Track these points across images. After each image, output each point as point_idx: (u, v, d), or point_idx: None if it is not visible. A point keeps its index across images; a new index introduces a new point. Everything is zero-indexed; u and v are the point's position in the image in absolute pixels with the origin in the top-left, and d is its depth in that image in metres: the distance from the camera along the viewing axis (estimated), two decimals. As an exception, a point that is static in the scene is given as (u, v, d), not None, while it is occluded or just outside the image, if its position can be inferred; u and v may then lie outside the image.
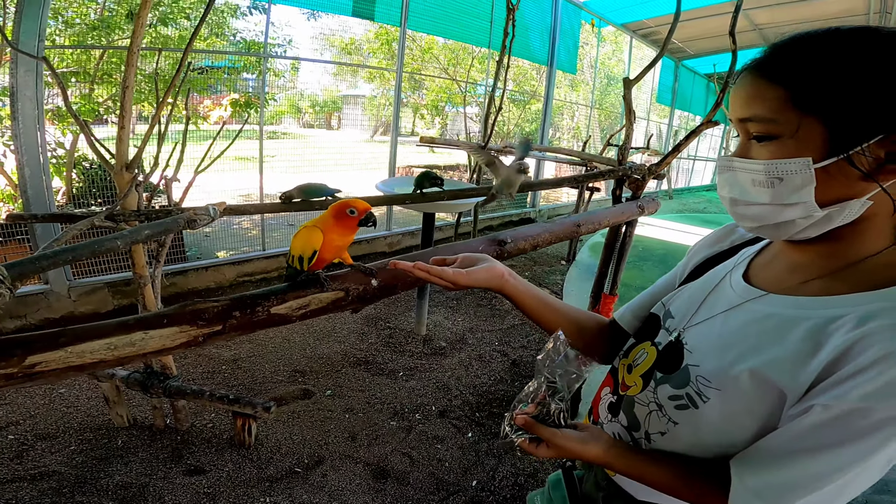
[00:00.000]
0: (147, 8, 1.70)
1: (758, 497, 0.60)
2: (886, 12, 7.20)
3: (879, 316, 0.56)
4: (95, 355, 0.73)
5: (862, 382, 0.54)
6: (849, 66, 0.56)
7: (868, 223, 0.61)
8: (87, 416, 2.49)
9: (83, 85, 4.11)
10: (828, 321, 0.59)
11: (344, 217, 0.91)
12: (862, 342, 0.56)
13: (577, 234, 1.54)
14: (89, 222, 1.45)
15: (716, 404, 0.67)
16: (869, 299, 0.59)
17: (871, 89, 0.55)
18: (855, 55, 0.56)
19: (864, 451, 0.54)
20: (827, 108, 0.57)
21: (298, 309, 0.85)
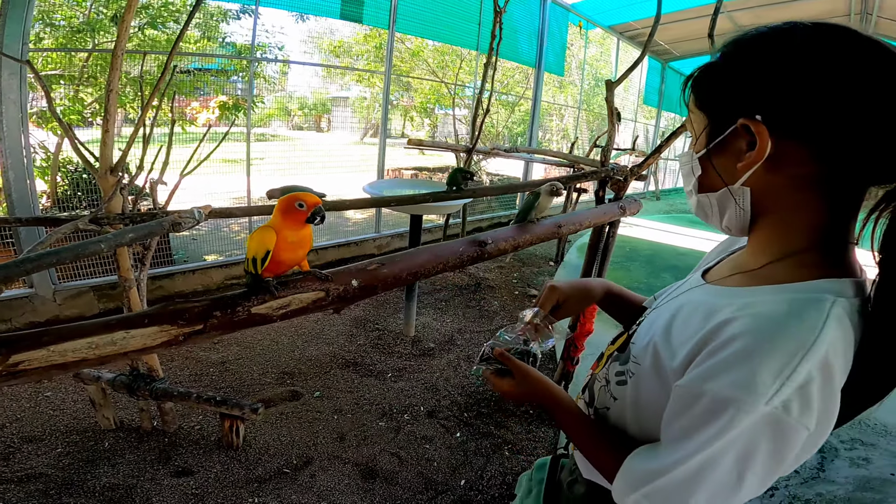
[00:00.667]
0: (131, 12, 1.71)
1: (625, 474, 0.65)
2: (867, 13, 7.33)
3: (745, 308, 0.59)
4: (77, 354, 0.74)
5: (702, 366, 0.58)
6: (717, 71, 0.63)
7: (778, 222, 0.64)
8: (73, 418, 2.48)
9: (69, 87, 4.09)
10: (715, 310, 0.62)
11: (293, 211, 0.89)
12: (717, 331, 0.59)
13: (557, 235, 1.56)
14: (73, 226, 1.45)
15: (636, 381, 0.72)
16: (752, 293, 0.62)
17: (724, 88, 0.62)
18: (721, 63, 0.63)
19: (709, 431, 0.55)
20: (705, 106, 0.65)
21: (279, 309, 0.87)
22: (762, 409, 0.52)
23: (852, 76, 0.54)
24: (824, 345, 0.53)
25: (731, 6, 7.47)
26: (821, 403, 0.53)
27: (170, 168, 2.12)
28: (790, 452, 0.55)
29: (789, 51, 0.57)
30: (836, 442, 2.66)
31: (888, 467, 2.48)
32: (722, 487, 0.56)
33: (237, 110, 4.48)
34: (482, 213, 7.07)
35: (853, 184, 0.59)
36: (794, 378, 0.52)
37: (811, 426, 0.53)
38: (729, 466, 0.55)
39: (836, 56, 0.55)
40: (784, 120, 0.57)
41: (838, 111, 0.55)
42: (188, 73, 4.50)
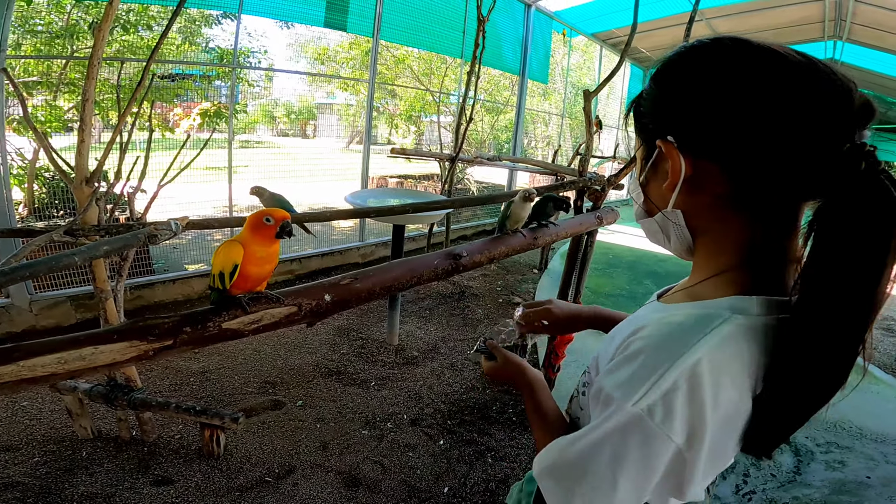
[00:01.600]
0: (108, 21, 1.71)
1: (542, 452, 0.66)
2: (841, 19, 7.51)
3: (656, 320, 0.61)
4: (47, 369, 0.75)
5: (610, 365, 0.61)
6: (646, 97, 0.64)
7: (710, 242, 0.64)
8: (50, 428, 2.45)
9: (48, 94, 4.04)
10: (642, 322, 0.64)
11: (261, 226, 0.89)
12: (630, 338, 0.61)
13: (534, 246, 1.59)
14: (48, 238, 1.44)
15: (589, 390, 0.73)
16: (672, 308, 0.65)
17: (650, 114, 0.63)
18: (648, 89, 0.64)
19: (594, 422, 0.59)
20: (638, 132, 0.67)
21: (251, 324, 0.88)
22: (629, 409, 0.54)
23: (751, 93, 0.54)
24: (695, 356, 0.53)
25: (710, 13, 7.60)
26: (686, 414, 0.53)
27: (150, 176, 2.11)
28: (658, 463, 0.54)
29: (691, 71, 0.58)
30: (812, 445, 2.70)
31: (863, 470, 2.53)
32: (601, 483, 0.57)
33: (219, 118, 4.45)
34: (467, 220, 7.09)
35: (777, 201, 0.58)
36: (660, 384, 0.53)
37: (676, 438, 0.53)
38: (606, 461, 0.56)
39: (734, 73, 0.55)
40: (694, 139, 0.58)
41: (740, 128, 0.55)
42: (170, 78, 4.47)
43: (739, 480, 2.42)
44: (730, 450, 0.59)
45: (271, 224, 0.88)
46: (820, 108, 0.53)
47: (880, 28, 7.17)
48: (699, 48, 0.59)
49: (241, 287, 0.90)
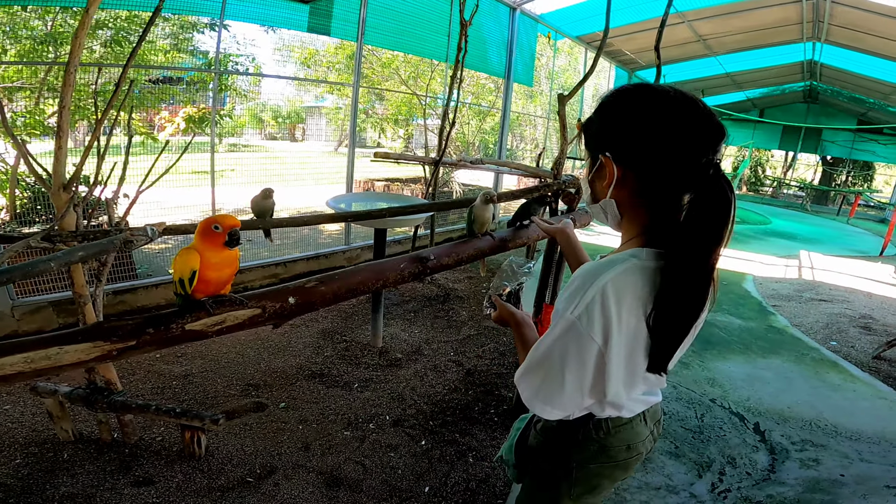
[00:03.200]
0: (85, 28, 1.73)
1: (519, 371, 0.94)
2: (819, 21, 7.63)
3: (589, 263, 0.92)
4: (14, 367, 0.78)
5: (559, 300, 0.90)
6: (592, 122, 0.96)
7: (627, 220, 0.95)
8: (31, 430, 2.46)
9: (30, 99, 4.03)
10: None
11: (210, 234, 0.92)
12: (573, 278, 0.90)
13: (504, 248, 1.63)
14: (25, 244, 1.46)
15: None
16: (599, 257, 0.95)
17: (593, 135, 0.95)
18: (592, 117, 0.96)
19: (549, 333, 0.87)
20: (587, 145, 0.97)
21: (214, 325, 0.91)
22: (567, 317, 0.84)
23: (649, 124, 0.85)
24: (604, 280, 0.82)
25: (691, 16, 7.69)
26: (601, 320, 0.81)
27: (133, 181, 2.12)
28: (588, 359, 0.83)
29: (617, 107, 0.90)
30: (787, 444, 2.75)
31: (837, 468, 2.56)
32: (554, 376, 0.87)
33: (203, 123, 4.46)
34: (453, 223, 7.12)
35: (665, 193, 0.88)
36: (584, 298, 0.82)
37: (596, 338, 0.82)
38: (556, 359, 0.86)
39: (641, 112, 0.86)
40: (620, 154, 0.89)
41: (644, 147, 0.86)
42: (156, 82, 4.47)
43: (715, 479, 2.45)
44: (640, 362, 0.87)
45: (219, 232, 0.92)
46: (689, 133, 0.83)
47: (857, 29, 7.30)
48: (623, 93, 0.91)
49: (204, 291, 0.93)
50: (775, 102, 15.73)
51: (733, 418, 2.97)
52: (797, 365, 3.77)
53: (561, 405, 0.89)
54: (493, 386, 3.17)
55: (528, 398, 0.91)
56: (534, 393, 0.90)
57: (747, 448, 2.70)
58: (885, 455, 2.69)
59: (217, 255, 0.92)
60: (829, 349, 4.14)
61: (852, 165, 16.49)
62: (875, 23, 6.79)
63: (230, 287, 0.98)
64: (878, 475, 2.52)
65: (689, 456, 2.61)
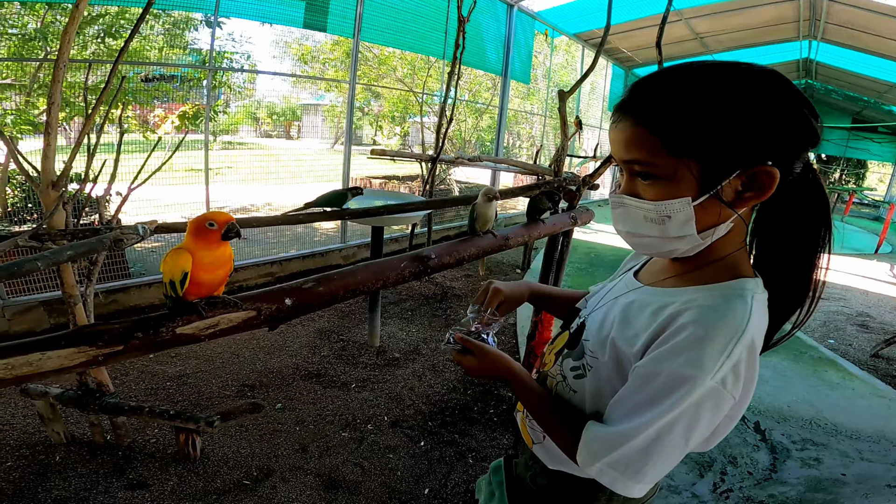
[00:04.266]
0: (74, 24, 1.68)
1: (587, 445, 0.74)
2: (815, 19, 7.63)
3: (689, 302, 0.72)
4: (-8, 374, 0.74)
5: (658, 350, 0.70)
6: (706, 113, 0.66)
7: (718, 239, 0.74)
8: (23, 433, 2.42)
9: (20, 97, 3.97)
10: (663, 306, 0.74)
11: (204, 231, 0.88)
12: (668, 322, 0.71)
13: (505, 247, 1.59)
14: (12, 243, 1.42)
15: (595, 372, 0.82)
16: (694, 292, 0.74)
17: (725, 134, 0.66)
18: (709, 101, 0.66)
19: (666, 403, 0.67)
20: (696, 152, 0.67)
21: (207, 329, 0.87)
22: (708, 384, 0.65)
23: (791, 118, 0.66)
24: (751, 331, 0.67)
25: (688, 13, 7.69)
26: (746, 377, 0.68)
27: (126, 179, 2.08)
28: (720, 418, 0.69)
29: (770, 101, 0.66)
30: (788, 443, 2.73)
31: (839, 467, 2.55)
32: (672, 450, 0.69)
33: (197, 119, 4.40)
34: (451, 221, 7.09)
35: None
36: (731, 358, 0.65)
37: (737, 396, 0.67)
38: (680, 432, 0.67)
39: (785, 104, 0.66)
40: (781, 159, 0.68)
41: (788, 144, 0.68)
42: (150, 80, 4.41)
43: (717, 479, 2.43)
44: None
45: (214, 229, 0.87)
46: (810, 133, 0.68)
47: (854, 27, 7.30)
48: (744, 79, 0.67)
49: (196, 293, 0.89)
50: (771, 101, 15.72)
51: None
52: (795, 363, 3.76)
53: (665, 474, 0.74)
54: (492, 385, 3.14)
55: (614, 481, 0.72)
56: (633, 476, 0.71)
57: (748, 447, 2.69)
58: (885, 454, 2.68)
59: (210, 255, 0.88)
60: (826, 347, 4.13)
61: (846, 164, 16.53)
62: (872, 21, 6.79)
63: (224, 288, 0.93)
64: (879, 474, 2.51)
65: (690, 456, 2.58)
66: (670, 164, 0.68)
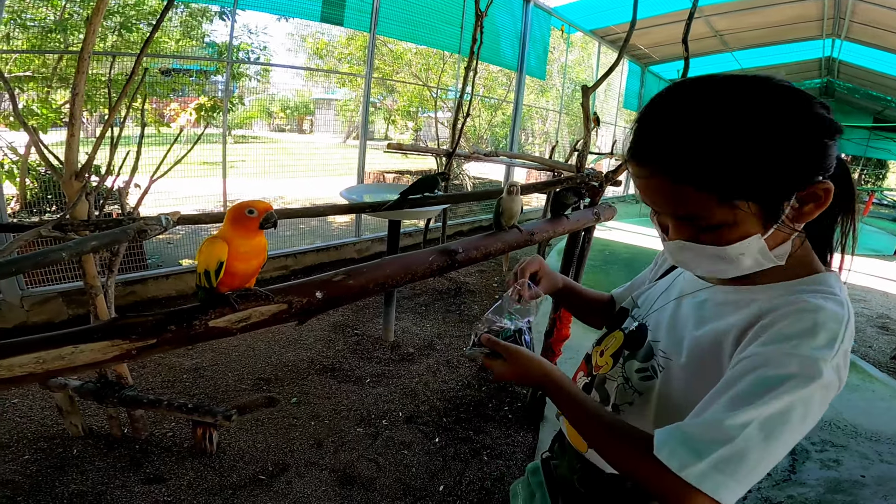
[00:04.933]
0: (100, 15, 1.68)
1: (679, 446, 0.63)
2: (840, 17, 7.49)
3: (778, 298, 0.70)
4: (24, 369, 0.72)
5: (758, 342, 0.66)
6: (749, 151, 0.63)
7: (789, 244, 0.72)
8: (40, 425, 2.43)
9: (41, 88, 3.99)
10: (748, 302, 0.73)
11: (243, 219, 0.86)
12: (763, 315, 0.69)
13: (531, 242, 1.57)
14: (36, 233, 1.42)
15: (667, 373, 0.78)
16: (778, 288, 0.73)
17: (773, 167, 0.63)
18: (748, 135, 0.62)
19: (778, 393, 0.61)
20: (750, 193, 0.65)
21: (239, 322, 0.85)
22: (826, 375, 0.62)
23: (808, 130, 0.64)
24: (852, 320, 0.67)
25: (709, 10, 7.57)
26: (845, 363, 0.65)
27: (145, 171, 2.08)
28: (826, 406, 0.64)
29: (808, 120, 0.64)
30: (807, 444, 2.70)
31: (858, 469, 2.53)
32: (787, 442, 0.62)
33: (214, 112, 4.41)
34: (464, 216, 7.06)
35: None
36: (842, 347, 0.63)
37: (843, 381, 0.65)
38: (797, 421, 0.61)
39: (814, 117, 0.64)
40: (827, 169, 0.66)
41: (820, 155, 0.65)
42: (167, 73, 4.43)
43: (735, 479, 2.42)
44: None
45: (254, 216, 0.85)
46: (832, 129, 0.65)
47: (879, 26, 7.16)
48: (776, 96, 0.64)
49: (229, 284, 0.87)
50: (790, 99, 15.51)
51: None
52: (815, 365, 3.71)
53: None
54: (507, 383, 3.12)
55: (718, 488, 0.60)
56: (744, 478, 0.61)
57: (767, 449, 2.66)
58: (905, 456, 2.64)
59: (247, 244, 0.86)
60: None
61: (866, 164, 16.28)
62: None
63: (254, 281, 0.91)
64: (898, 476, 2.49)
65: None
66: (728, 213, 0.67)
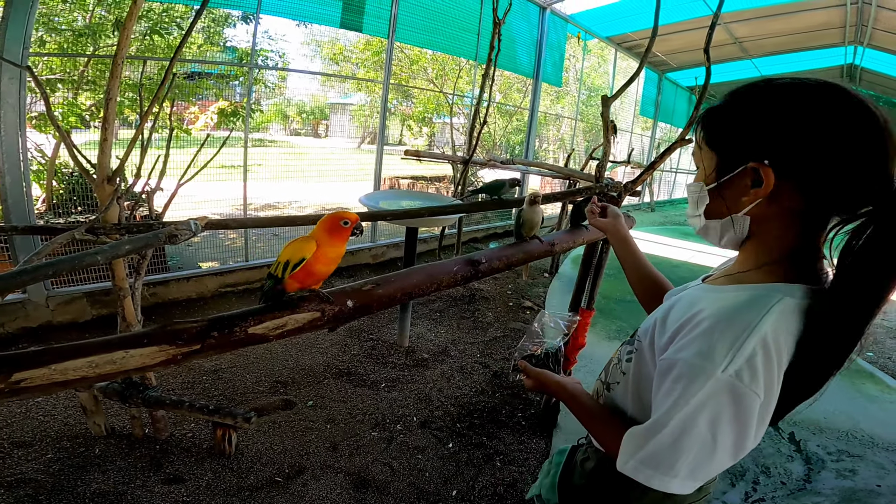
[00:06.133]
0: (133, 19, 1.72)
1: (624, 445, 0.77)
2: (862, 25, 7.42)
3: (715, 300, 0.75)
4: (78, 372, 0.75)
5: (678, 342, 0.73)
6: (726, 117, 0.77)
7: (763, 242, 0.78)
8: (63, 424, 2.47)
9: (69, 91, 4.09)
10: (697, 301, 0.78)
11: (338, 229, 0.95)
12: (693, 316, 0.74)
13: (551, 253, 1.58)
14: (70, 236, 1.46)
15: (639, 355, 0.87)
16: (725, 289, 0.79)
17: (733, 134, 0.75)
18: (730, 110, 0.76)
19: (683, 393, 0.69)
20: (715, 145, 0.78)
21: (275, 329, 0.88)
22: (720, 376, 0.67)
23: (836, 132, 0.67)
24: (765, 327, 0.67)
25: (729, 17, 7.53)
26: (765, 374, 0.67)
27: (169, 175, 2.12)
28: (750, 419, 0.68)
29: (794, 107, 0.70)
30: (823, 453, 2.69)
31: (874, 479, 2.51)
32: (701, 448, 0.69)
33: (235, 117, 4.48)
34: (478, 223, 7.08)
35: (823, 214, 0.73)
36: (742, 351, 0.67)
37: (760, 393, 0.67)
38: (703, 427, 0.68)
39: (827, 115, 0.68)
40: (786, 164, 0.70)
41: (824, 159, 0.68)
42: (191, 77, 4.50)
43: (749, 488, 2.40)
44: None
45: (348, 227, 0.95)
46: (877, 146, 0.67)
47: (902, 34, 7.09)
48: (800, 88, 0.71)
49: (303, 281, 0.95)
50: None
51: (767, 428, 2.90)
52: (833, 376, 3.67)
53: (705, 475, 0.73)
54: (521, 389, 3.12)
55: (650, 478, 0.73)
56: (667, 472, 0.72)
57: (782, 458, 2.65)
58: (923, 468, 2.61)
59: (334, 251, 0.95)
60: (864, 360, 4.04)
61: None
62: (920, 27, 6.58)
63: (321, 284, 1.01)
64: (915, 486, 2.46)
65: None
66: (703, 156, 0.80)
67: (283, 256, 0.93)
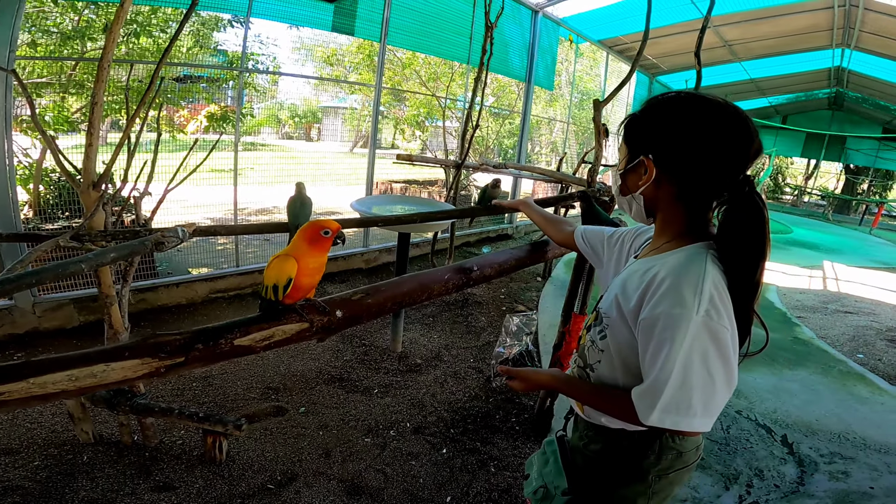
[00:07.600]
0: (119, 23, 1.70)
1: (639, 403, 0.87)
2: (850, 27, 7.49)
3: (664, 263, 0.91)
4: (57, 386, 0.74)
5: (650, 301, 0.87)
6: (635, 121, 0.99)
7: (664, 219, 1.00)
8: (51, 432, 2.44)
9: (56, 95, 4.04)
10: (648, 269, 0.94)
11: (319, 239, 0.95)
12: (652, 279, 0.90)
13: (543, 259, 1.57)
14: (54, 243, 1.43)
15: (611, 329, 1.00)
16: (666, 255, 0.94)
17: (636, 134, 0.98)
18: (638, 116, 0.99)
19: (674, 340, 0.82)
20: (626, 142, 1.01)
21: (262, 341, 0.86)
22: (696, 318, 0.81)
23: (699, 139, 0.89)
24: (711, 272, 0.85)
25: (718, 21, 7.58)
26: (724, 308, 0.83)
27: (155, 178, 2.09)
28: (729, 350, 0.83)
29: (673, 117, 0.93)
30: (816, 456, 2.70)
31: (867, 481, 2.53)
32: (704, 383, 0.82)
33: (225, 121, 4.44)
34: (470, 227, 7.07)
35: (700, 198, 0.95)
36: (704, 294, 0.83)
37: (727, 325, 0.83)
38: (699, 364, 0.82)
39: (694, 125, 0.90)
40: (664, 160, 0.94)
41: (688, 158, 0.91)
42: (181, 80, 4.46)
43: (742, 491, 2.41)
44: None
45: (328, 236, 0.96)
46: (735, 149, 0.88)
47: (889, 36, 7.16)
48: (678, 101, 0.94)
49: (294, 297, 0.95)
50: (799, 109, 15.50)
51: (760, 430, 2.92)
52: (824, 377, 3.70)
53: (715, 409, 0.85)
54: (514, 394, 3.11)
55: (677, 422, 0.84)
56: (687, 412, 0.83)
57: (775, 460, 2.66)
58: (915, 469, 2.63)
59: (316, 261, 0.96)
60: (855, 362, 4.06)
61: (874, 174, 16.20)
62: (907, 30, 6.65)
63: (313, 293, 1.00)
64: (907, 487, 2.48)
65: (715, 468, 2.55)
66: (622, 149, 1.03)
67: (269, 279, 0.94)
